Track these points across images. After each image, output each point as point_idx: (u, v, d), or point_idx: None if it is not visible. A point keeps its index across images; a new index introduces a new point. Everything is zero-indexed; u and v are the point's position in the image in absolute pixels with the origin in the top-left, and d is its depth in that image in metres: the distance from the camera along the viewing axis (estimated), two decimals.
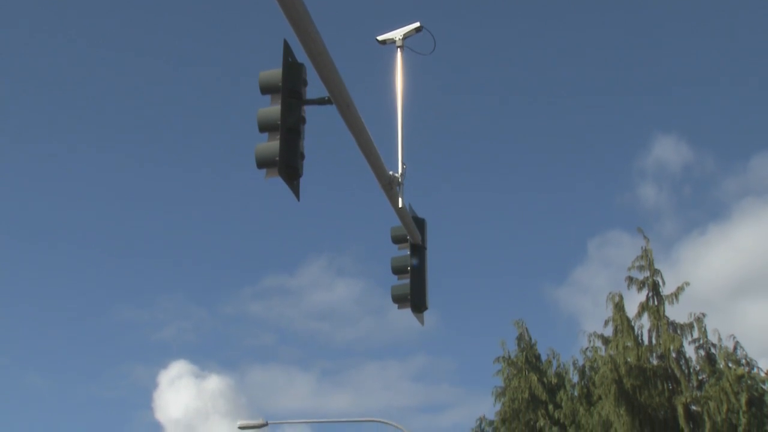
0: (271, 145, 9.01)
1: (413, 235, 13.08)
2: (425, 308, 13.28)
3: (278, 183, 9.08)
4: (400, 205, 12.07)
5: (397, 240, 13.31)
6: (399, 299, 13.02)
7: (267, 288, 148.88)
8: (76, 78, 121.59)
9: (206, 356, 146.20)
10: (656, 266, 29.74)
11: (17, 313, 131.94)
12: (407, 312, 12.93)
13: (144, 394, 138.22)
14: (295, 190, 9.21)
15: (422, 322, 13.46)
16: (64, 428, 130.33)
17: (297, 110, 9.35)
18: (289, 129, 9.16)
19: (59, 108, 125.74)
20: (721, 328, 29.41)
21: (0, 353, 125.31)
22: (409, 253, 13.17)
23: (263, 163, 8.96)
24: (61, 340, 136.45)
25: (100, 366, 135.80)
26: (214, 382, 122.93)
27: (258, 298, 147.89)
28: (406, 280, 13.06)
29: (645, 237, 30.08)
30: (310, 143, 9.75)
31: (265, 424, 20.50)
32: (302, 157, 9.37)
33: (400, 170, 12.01)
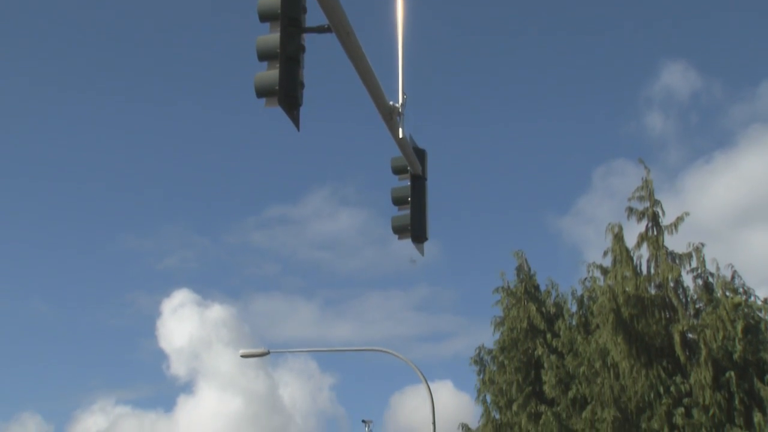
0: (271, 74, 8.91)
1: (413, 166, 13.06)
2: (425, 239, 13.36)
3: (279, 113, 9.02)
4: (400, 136, 12.03)
5: (398, 171, 13.30)
6: (399, 230, 13.09)
7: (270, 218, 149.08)
8: (74, 17, 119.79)
9: (209, 285, 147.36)
10: (660, 196, 29.78)
11: (22, 241, 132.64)
12: (409, 242, 13.00)
13: (148, 323, 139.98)
14: (295, 120, 9.15)
15: (422, 253, 13.56)
16: (70, 356, 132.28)
17: (296, 38, 9.22)
18: (289, 57, 9.04)
19: (57, 45, 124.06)
20: (723, 257, 29.65)
21: (4, 280, 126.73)
22: (409, 183, 13.18)
23: (262, 92, 8.88)
24: (66, 269, 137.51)
25: (104, 294, 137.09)
26: (217, 311, 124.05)
27: (261, 227, 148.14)
28: (407, 211, 13.11)
29: (646, 167, 30.03)
30: (312, 73, 9.65)
31: (267, 353, 20.81)
32: (302, 86, 9.28)
33: (400, 100, 11.93)
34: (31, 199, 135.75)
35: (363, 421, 20.88)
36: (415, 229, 13.02)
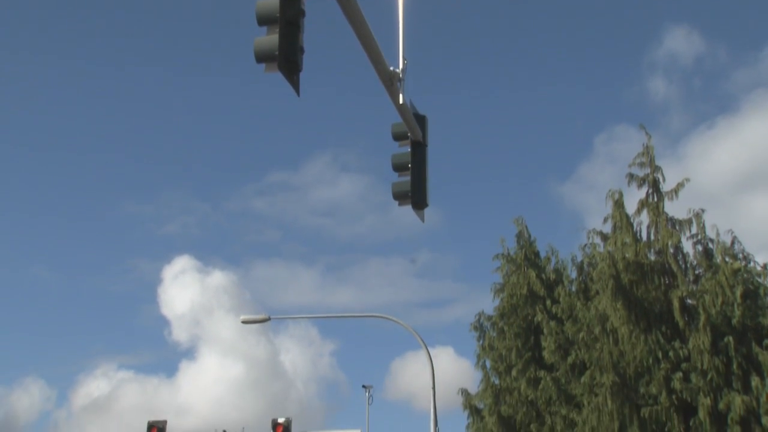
0: (271, 38, 8.84)
1: (414, 132, 13.02)
2: (426, 205, 13.35)
3: (280, 78, 8.97)
4: (400, 102, 11.98)
5: (398, 137, 13.26)
6: (399, 196, 13.08)
7: (271, 184, 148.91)
8: None
9: (210, 252, 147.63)
10: (662, 162, 29.74)
11: (23, 207, 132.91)
12: (410, 209, 13.00)
13: (149, 289, 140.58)
14: (295, 85, 9.10)
15: (423, 219, 13.55)
16: (72, 322, 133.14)
17: (296, 3, 9.14)
18: (289, 22, 8.96)
19: (58, 13, 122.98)
20: (724, 223, 29.72)
21: (6, 246, 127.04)
22: (409, 149, 13.14)
23: (262, 57, 8.82)
24: (67, 235, 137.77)
25: (105, 260, 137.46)
26: (218, 278, 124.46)
27: (262, 194, 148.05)
28: (407, 177, 13.07)
29: (647, 133, 29.96)
30: (313, 39, 9.58)
31: (268, 319, 20.92)
32: (302, 51, 9.21)
33: (401, 66, 11.87)
34: (32, 166, 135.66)
35: (363, 387, 21.08)
36: (415, 196, 13.00)
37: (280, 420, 20.76)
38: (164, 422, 21.12)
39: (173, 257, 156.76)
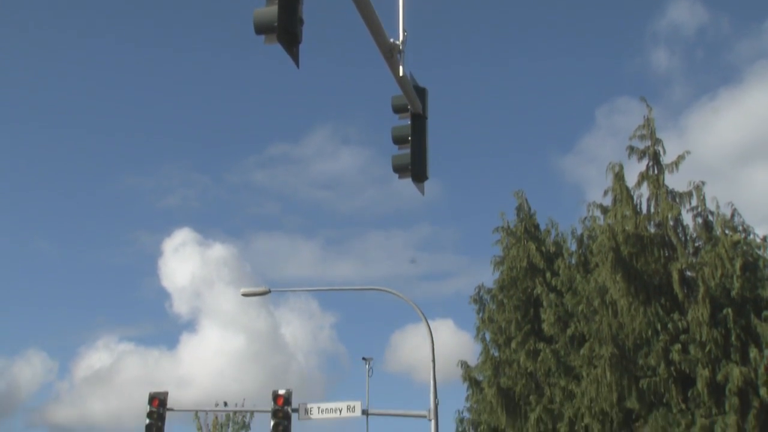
0: (270, 9, 8.77)
1: (414, 105, 12.96)
2: (425, 178, 13.32)
3: (280, 50, 8.92)
4: (400, 74, 11.91)
5: (398, 109, 13.20)
6: (399, 169, 13.04)
7: (271, 157, 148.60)
8: None
9: (210, 224, 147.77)
10: (663, 134, 29.77)
11: (23, 179, 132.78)
12: (410, 181, 12.98)
13: (150, 262, 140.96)
14: (295, 57, 9.05)
15: (423, 192, 13.53)
16: (73, 294, 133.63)
17: None
18: None
19: None
20: (726, 195, 29.71)
21: (7, 219, 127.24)
22: (409, 122, 13.09)
23: (261, 28, 8.76)
24: (68, 207, 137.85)
25: (106, 233, 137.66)
26: (219, 251, 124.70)
27: (262, 166, 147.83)
28: (407, 150, 13.03)
29: (648, 105, 29.85)
30: (313, 11, 9.52)
31: (268, 292, 20.98)
32: (301, 22, 9.15)
33: (401, 37, 11.79)
34: (32, 140, 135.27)
35: (363, 359, 21.18)
36: (415, 168, 12.96)
37: (281, 392, 20.87)
38: (165, 394, 21.22)
39: (173, 230, 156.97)
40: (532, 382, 32.57)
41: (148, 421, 20.74)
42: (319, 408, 20.95)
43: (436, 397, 19.38)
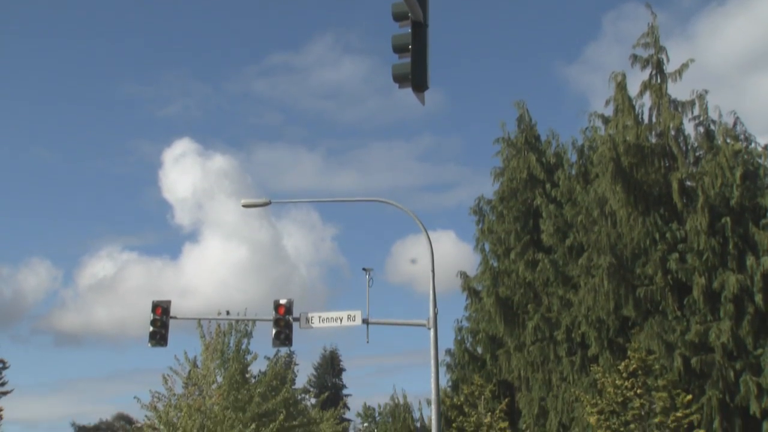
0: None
1: (414, 12, 12.64)
2: (426, 87, 13.08)
3: None
4: None
5: (399, 17, 12.86)
6: (400, 78, 12.79)
7: (272, 66, 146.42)
8: None
9: (211, 134, 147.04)
10: (670, 41, 29.53)
11: (22, 87, 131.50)
12: (411, 91, 12.78)
13: (150, 172, 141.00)
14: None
15: (423, 102, 13.33)
16: (75, 203, 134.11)
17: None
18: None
19: None
20: (732, 104, 29.42)
21: (6, 127, 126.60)
22: (410, 30, 12.80)
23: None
24: (67, 115, 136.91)
25: (105, 142, 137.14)
26: (219, 162, 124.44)
27: (263, 75, 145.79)
28: (407, 59, 12.79)
29: (652, 12, 29.25)
30: None
31: (269, 203, 20.94)
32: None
33: None
34: (31, 48, 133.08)
35: (363, 269, 21.32)
36: (415, 78, 12.73)
37: (282, 301, 21.11)
38: (168, 302, 21.43)
39: (173, 140, 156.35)
40: (530, 291, 33.03)
41: (151, 329, 20.98)
42: (320, 317, 21.24)
43: (435, 306, 19.61)
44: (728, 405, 24.74)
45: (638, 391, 23.08)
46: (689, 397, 23.10)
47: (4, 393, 57.50)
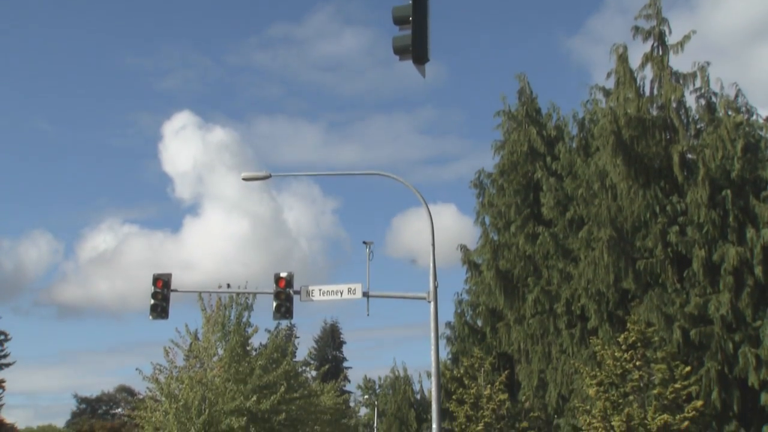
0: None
1: None
2: (426, 59, 13.01)
3: None
4: None
5: None
6: (400, 50, 12.73)
7: (272, 37, 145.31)
8: None
9: (211, 107, 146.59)
10: (673, 12, 29.55)
11: (21, 58, 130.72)
12: (412, 63, 12.71)
13: (150, 144, 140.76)
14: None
15: (423, 74, 13.26)
16: (76, 175, 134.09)
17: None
18: None
19: None
20: (734, 75, 29.21)
21: (6, 99, 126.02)
22: (411, 2, 12.71)
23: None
24: (66, 86, 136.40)
25: (105, 113, 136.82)
26: (219, 135, 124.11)
27: (263, 47, 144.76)
28: (408, 31, 12.71)
29: None
30: None
31: (269, 176, 20.86)
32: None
33: None
34: (30, 18, 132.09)
35: (364, 243, 21.29)
36: (416, 50, 12.66)
37: (283, 274, 21.15)
38: (169, 275, 21.45)
39: (173, 113, 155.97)
40: (530, 264, 33.10)
41: (152, 301, 21.02)
42: (320, 290, 21.27)
43: (435, 279, 19.62)
44: (727, 376, 24.88)
45: (637, 363, 23.19)
46: (688, 368, 23.21)
47: (7, 365, 57.97)
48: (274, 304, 21.03)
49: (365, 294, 21.00)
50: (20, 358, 75.28)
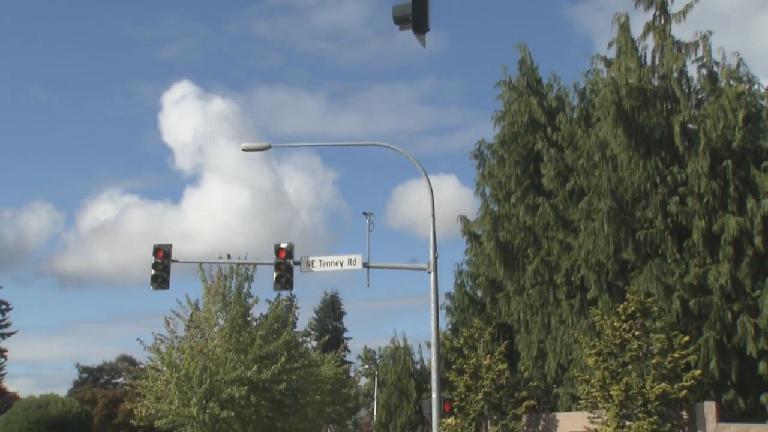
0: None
1: None
2: (427, 29, 12.91)
3: None
4: None
5: None
6: (400, 20, 12.62)
7: (272, 6, 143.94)
8: None
9: (210, 77, 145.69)
10: None
11: (18, 27, 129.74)
12: (412, 33, 12.60)
13: (150, 115, 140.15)
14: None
15: (424, 44, 13.16)
16: (75, 145, 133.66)
17: None
18: None
19: None
20: (736, 45, 28.84)
21: (5, 69, 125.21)
22: None
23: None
24: (65, 55, 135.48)
25: (104, 83, 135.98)
26: (219, 105, 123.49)
27: (263, 16, 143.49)
28: (408, 0, 12.59)
29: None
30: None
31: (269, 147, 20.78)
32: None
33: None
34: None
35: (364, 214, 21.29)
36: (416, 19, 12.55)
37: (283, 245, 21.15)
38: (169, 246, 21.45)
39: (173, 83, 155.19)
40: (530, 235, 33.13)
41: (153, 272, 21.04)
42: (320, 261, 21.30)
43: (435, 250, 19.64)
44: (725, 346, 25.01)
45: (636, 333, 23.32)
46: (687, 338, 23.34)
47: (8, 334, 58.30)
48: (275, 274, 21.07)
49: (365, 265, 21.03)
50: (22, 328, 75.80)
